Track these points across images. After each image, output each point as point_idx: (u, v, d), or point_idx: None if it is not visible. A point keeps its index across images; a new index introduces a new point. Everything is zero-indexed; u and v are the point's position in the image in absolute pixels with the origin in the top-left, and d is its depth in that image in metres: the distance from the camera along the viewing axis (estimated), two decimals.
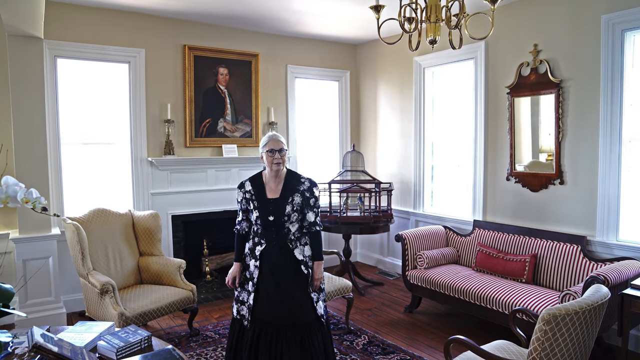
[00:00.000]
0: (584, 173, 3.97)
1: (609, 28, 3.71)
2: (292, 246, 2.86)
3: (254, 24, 5.29)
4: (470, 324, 4.23)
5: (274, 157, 2.82)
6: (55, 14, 4.35)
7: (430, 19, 2.67)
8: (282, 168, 2.88)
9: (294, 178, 2.91)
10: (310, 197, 2.89)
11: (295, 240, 2.88)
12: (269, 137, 2.89)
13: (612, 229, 3.78)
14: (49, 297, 4.11)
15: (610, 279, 3.09)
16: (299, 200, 2.86)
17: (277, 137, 2.89)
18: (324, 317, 2.94)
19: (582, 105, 3.95)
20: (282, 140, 2.90)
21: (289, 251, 2.86)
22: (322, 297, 2.96)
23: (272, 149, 2.83)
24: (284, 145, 2.88)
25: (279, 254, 2.85)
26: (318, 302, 2.90)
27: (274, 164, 2.83)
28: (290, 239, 2.86)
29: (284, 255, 2.85)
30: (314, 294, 2.89)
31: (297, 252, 2.86)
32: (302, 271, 2.86)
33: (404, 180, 5.85)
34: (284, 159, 2.86)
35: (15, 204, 1.79)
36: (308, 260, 2.90)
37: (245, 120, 5.59)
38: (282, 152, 2.84)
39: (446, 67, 5.28)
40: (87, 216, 4.02)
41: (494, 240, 4.46)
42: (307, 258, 2.90)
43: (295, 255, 2.85)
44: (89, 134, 4.74)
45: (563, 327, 2.01)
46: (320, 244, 2.96)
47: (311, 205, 2.89)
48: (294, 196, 2.85)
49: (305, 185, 2.89)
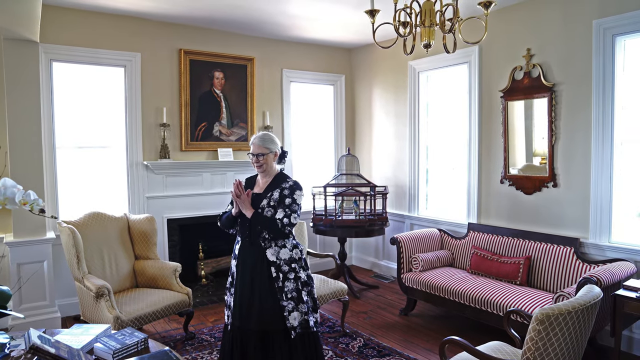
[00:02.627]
0: (576, 176, 4.02)
1: (600, 33, 3.76)
2: (265, 245, 2.79)
3: (250, 28, 5.31)
4: (465, 326, 4.25)
5: (252, 161, 2.88)
6: (51, 18, 4.35)
7: (424, 23, 2.71)
8: (266, 170, 2.88)
9: (282, 178, 2.91)
10: (288, 196, 2.80)
11: (270, 240, 2.79)
12: (254, 139, 2.91)
13: (605, 231, 3.82)
14: (44, 301, 4.09)
15: (603, 280, 3.13)
16: (277, 196, 2.81)
17: (258, 142, 2.86)
18: (298, 330, 2.77)
19: (574, 109, 4.00)
20: (265, 144, 2.85)
21: (261, 250, 2.79)
22: (304, 309, 2.79)
23: (252, 153, 2.87)
24: (265, 149, 2.84)
25: (252, 253, 2.81)
26: (292, 313, 2.75)
27: (255, 166, 2.89)
28: (264, 237, 2.79)
29: (256, 254, 2.79)
30: (288, 302, 2.75)
31: (269, 253, 2.79)
32: (272, 274, 2.76)
33: (398, 183, 5.88)
34: (262, 162, 2.85)
35: (13, 206, 1.80)
36: (282, 264, 2.79)
37: (241, 124, 5.61)
38: (259, 156, 2.84)
39: (441, 71, 5.32)
40: (82, 220, 4.02)
41: (489, 243, 4.50)
42: (282, 262, 2.79)
43: (267, 256, 2.78)
44: (84, 138, 4.74)
45: (556, 327, 2.04)
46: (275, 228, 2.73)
47: (284, 204, 2.78)
48: (273, 192, 2.83)
49: (287, 185, 2.86)
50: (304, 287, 2.86)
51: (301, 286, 2.84)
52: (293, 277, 2.81)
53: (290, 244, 2.86)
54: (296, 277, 2.82)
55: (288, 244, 2.85)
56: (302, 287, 2.84)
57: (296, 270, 2.83)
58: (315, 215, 5.41)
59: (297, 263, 2.86)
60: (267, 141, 2.88)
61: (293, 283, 2.80)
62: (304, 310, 2.80)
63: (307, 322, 2.82)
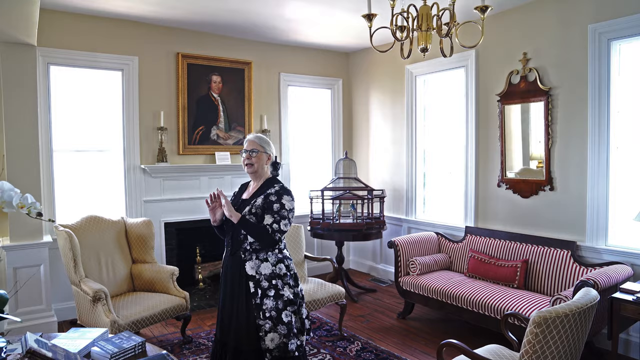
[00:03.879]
0: (573, 179, 4.03)
1: (596, 37, 3.79)
2: (245, 257, 2.60)
3: (247, 32, 5.33)
4: (463, 330, 4.25)
5: (244, 158, 2.74)
6: (48, 22, 4.36)
7: (421, 27, 2.72)
8: (257, 170, 2.74)
9: (270, 183, 2.73)
10: (275, 202, 2.60)
11: (251, 252, 2.60)
12: (248, 137, 2.79)
13: (601, 234, 3.84)
14: (40, 305, 4.07)
15: (600, 283, 3.14)
16: (260, 203, 2.61)
17: (253, 138, 2.76)
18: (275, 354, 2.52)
19: (570, 113, 4.03)
20: (260, 142, 2.75)
21: (240, 262, 2.61)
22: (283, 331, 2.54)
23: (244, 149, 2.74)
24: (259, 147, 2.72)
25: (232, 263, 2.65)
26: (269, 334, 2.52)
27: (245, 164, 2.74)
28: (245, 248, 2.61)
29: (236, 266, 2.63)
30: (265, 322, 2.53)
31: (248, 266, 2.59)
32: (250, 289, 2.57)
33: (396, 187, 5.89)
34: (254, 160, 2.71)
35: (10, 209, 1.80)
36: (262, 280, 2.57)
37: (238, 127, 5.61)
38: (252, 152, 2.70)
39: (438, 75, 5.35)
40: (79, 223, 4.01)
41: (486, 246, 4.51)
42: (262, 277, 2.57)
43: (245, 269, 2.59)
44: (81, 141, 4.73)
45: (554, 330, 2.04)
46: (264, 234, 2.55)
47: (272, 210, 2.59)
48: (257, 198, 2.65)
49: (273, 190, 2.66)
50: (287, 306, 2.59)
51: (283, 305, 2.57)
52: (273, 294, 2.57)
53: (274, 258, 2.63)
54: (277, 295, 2.57)
55: (271, 258, 2.62)
56: (284, 306, 2.58)
57: (278, 288, 2.59)
58: (312, 218, 5.41)
59: (280, 279, 2.61)
60: (263, 140, 2.77)
61: (273, 301, 2.55)
62: (283, 332, 2.54)
63: (286, 346, 2.54)
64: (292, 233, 4.43)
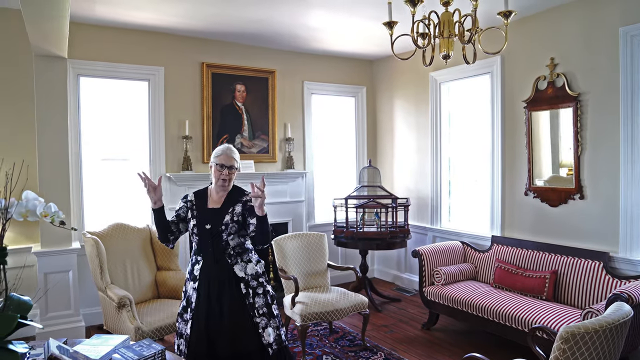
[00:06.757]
0: (604, 187, 3.89)
1: (627, 40, 3.66)
2: (232, 262, 2.67)
3: (271, 41, 5.37)
4: (488, 342, 4.14)
5: (221, 173, 2.68)
6: (78, 34, 4.50)
7: (443, 34, 2.69)
8: (228, 186, 2.73)
9: (238, 192, 2.77)
10: None
11: (236, 256, 2.68)
12: (222, 150, 2.72)
13: (636, 244, 3.68)
14: (69, 310, 4.17)
15: (635, 297, 3.00)
16: (240, 210, 2.69)
17: (230, 153, 2.71)
18: (274, 347, 2.66)
19: (601, 119, 3.89)
20: (236, 157, 2.72)
21: (227, 267, 2.66)
22: (275, 324, 2.70)
23: (222, 164, 2.68)
24: (236, 163, 2.71)
25: (217, 271, 2.65)
26: (266, 329, 2.65)
27: (221, 179, 2.69)
28: (230, 253, 2.67)
29: (223, 272, 2.65)
30: (260, 318, 2.65)
31: (237, 269, 2.67)
32: (241, 291, 2.64)
33: (420, 195, 5.81)
34: (232, 177, 2.71)
35: (34, 218, 1.84)
36: (250, 280, 2.68)
37: (262, 136, 5.65)
38: (231, 169, 2.69)
39: (462, 82, 5.27)
40: (106, 231, 4.09)
41: (513, 256, 4.38)
42: (250, 277, 2.68)
43: (235, 272, 2.66)
44: (109, 150, 4.85)
45: (583, 347, 1.95)
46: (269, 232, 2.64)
47: None
48: (235, 206, 2.70)
49: (247, 197, 2.72)
50: (273, 300, 2.76)
51: (270, 300, 2.74)
52: (262, 292, 2.71)
53: (254, 258, 2.78)
54: (265, 292, 2.72)
55: (253, 258, 2.76)
56: (271, 300, 2.74)
57: (264, 285, 2.74)
58: (336, 227, 5.38)
59: (262, 277, 2.76)
60: (237, 155, 2.76)
61: (262, 298, 2.70)
62: (275, 325, 2.71)
63: (280, 337, 2.72)
64: (314, 242, 4.41)
